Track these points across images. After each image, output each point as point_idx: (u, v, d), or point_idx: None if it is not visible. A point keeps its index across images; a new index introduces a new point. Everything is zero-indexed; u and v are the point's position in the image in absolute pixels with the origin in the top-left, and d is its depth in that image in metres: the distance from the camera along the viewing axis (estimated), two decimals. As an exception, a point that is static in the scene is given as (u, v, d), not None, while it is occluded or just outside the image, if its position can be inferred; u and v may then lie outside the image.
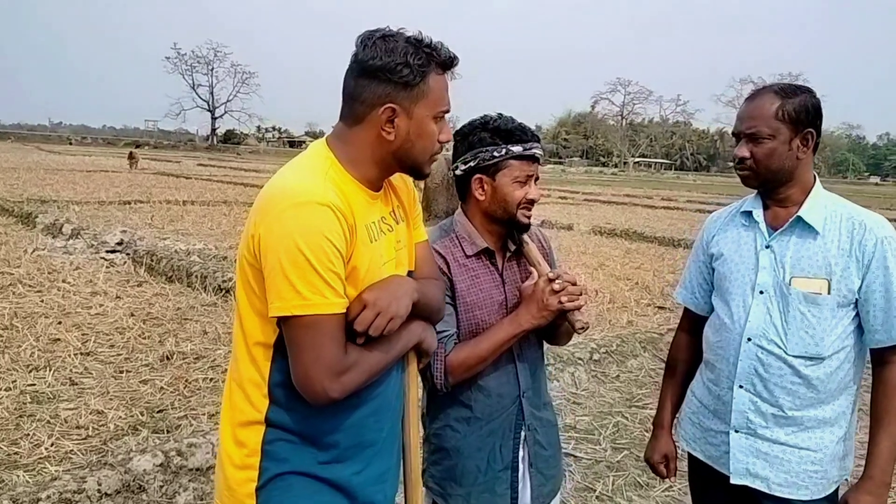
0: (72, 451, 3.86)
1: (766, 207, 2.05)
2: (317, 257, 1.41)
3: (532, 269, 2.08)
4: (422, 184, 20.42)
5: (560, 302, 1.93)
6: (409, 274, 1.75)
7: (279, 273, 1.41)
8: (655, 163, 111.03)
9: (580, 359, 5.82)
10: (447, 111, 1.62)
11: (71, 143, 73.48)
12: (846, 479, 2.03)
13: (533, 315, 1.96)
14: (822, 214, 1.95)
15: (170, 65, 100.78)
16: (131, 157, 32.03)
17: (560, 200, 25.54)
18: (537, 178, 2.05)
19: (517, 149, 1.96)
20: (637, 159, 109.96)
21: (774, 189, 2.00)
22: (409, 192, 1.82)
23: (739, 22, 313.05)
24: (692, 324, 2.30)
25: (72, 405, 4.48)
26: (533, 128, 2.04)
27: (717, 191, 42.62)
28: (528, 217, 2.03)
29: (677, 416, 2.34)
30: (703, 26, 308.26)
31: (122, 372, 5.15)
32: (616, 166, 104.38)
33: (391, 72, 1.50)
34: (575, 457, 4.24)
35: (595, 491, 3.84)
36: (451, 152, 2.12)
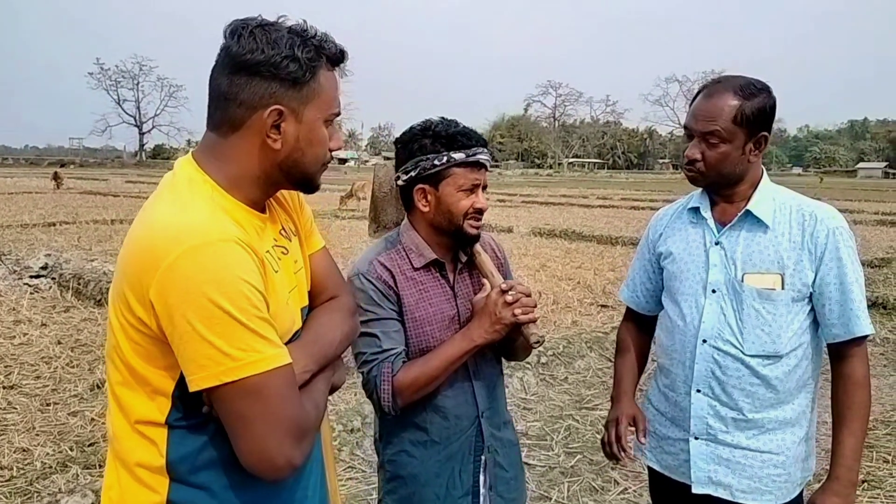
0: (-6, 494, 3.60)
1: (713, 203, 1.99)
2: (238, 306, 1.15)
3: (485, 280, 1.97)
4: (369, 193, 20.10)
5: (514, 315, 1.82)
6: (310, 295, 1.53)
7: (194, 337, 1.13)
8: (589, 163, 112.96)
9: (528, 363, 5.76)
10: (338, 114, 1.40)
11: (-10, 165, 70.57)
12: (809, 480, 1.99)
13: (486, 329, 1.85)
14: (770, 207, 1.90)
15: (93, 80, 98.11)
16: (56, 176, 30.86)
17: (498, 203, 25.61)
18: (485, 187, 1.93)
19: (459, 156, 1.84)
20: (571, 160, 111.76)
21: (722, 188, 1.94)
22: (292, 199, 1.56)
23: (663, 22, 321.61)
24: (635, 316, 2.25)
25: (-6, 444, 4.19)
26: None
27: (649, 188, 43.49)
28: (477, 228, 1.91)
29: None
30: (629, 27, 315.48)
31: (48, 405, 4.85)
32: (551, 167, 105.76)
33: (276, 67, 1.25)
34: (528, 465, 4.16)
35: (550, 499, 3.78)
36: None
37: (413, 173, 1.88)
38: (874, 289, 9.11)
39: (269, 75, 1.26)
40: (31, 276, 9.02)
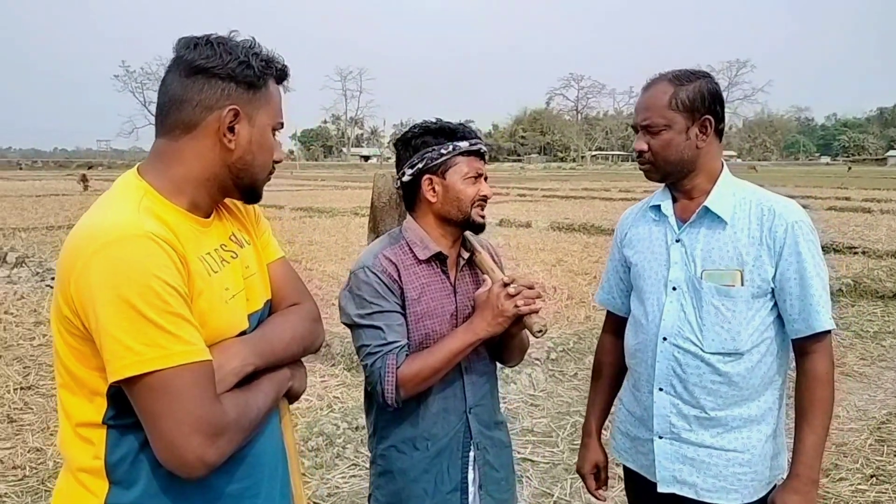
0: (6, 494, 3.69)
1: (674, 200, 1.98)
2: (146, 301, 1.17)
3: (485, 277, 2.00)
4: (354, 204, 20.00)
5: (516, 306, 1.84)
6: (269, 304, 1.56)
7: (104, 332, 1.16)
8: (612, 155, 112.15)
9: (537, 359, 5.76)
10: (282, 125, 1.46)
11: (21, 168, 71.71)
12: (781, 479, 1.97)
13: (488, 322, 1.87)
14: (730, 203, 1.88)
15: (119, 83, 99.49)
16: (83, 179, 31.36)
17: (519, 198, 25.56)
18: (486, 177, 1.99)
19: (464, 144, 1.92)
20: (594, 153, 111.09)
21: (679, 181, 1.94)
22: (247, 211, 1.61)
23: (688, 10, 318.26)
24: (616, 325, 2.22)
25: (9, 444, 4.29)
26: (490, 127, 1.97)
27: (673, 179, 43.01)
28: (483, 217, 1.96)
29: (608, 423, 2.26)
30: (653, 16, 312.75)
31: (64, 405, 4.93)
32: (574, 161, 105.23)
33: (233, 70, 1.33)
34: (532, 461, 4.17)
35: (553, 496, 3.77)
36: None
37: (420, 165, 1.93)
38: (898, 280, 8.96)
39: (226, 76, 1.33)
40: (53, 279, 9.18)
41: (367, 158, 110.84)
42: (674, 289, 1.92)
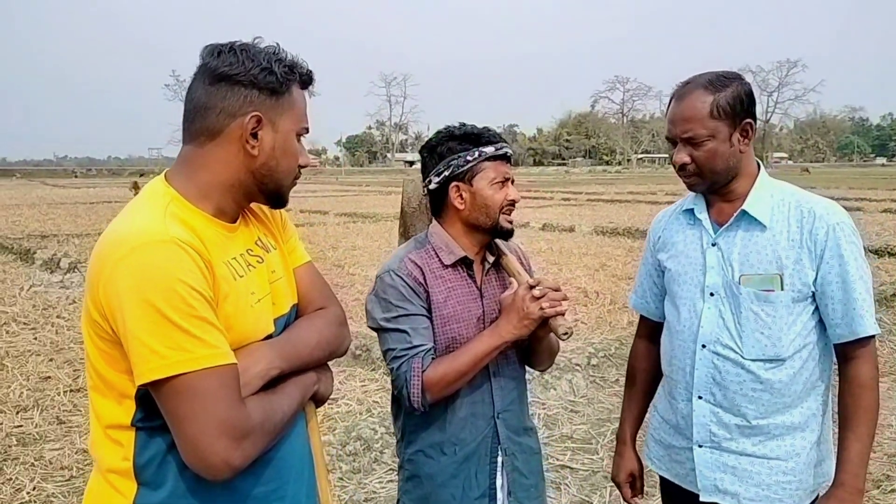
0: (53, 494, 3.79)
1: (710, 203, 1.93)
2: (171, 305, 1.18)
3: (511, 280, 1.98)
4: (398, 209, 19.95)
5: (541, 308, 1.82)
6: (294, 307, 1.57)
7: (131, 336, 1.18)
8: (659, 158, 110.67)
9: (578, 364, 5.70)
10: (307, 129, 1.46)
11: (76, 176, 73.68)
12: (826, 486, 1.90)
13: (514, 325, 1.85)
14: (768, 205, 1.83)
15: (170, 92, 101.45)
16: (135, 186, 32.16)
17: (563, 202, 25.38)
18: (513, 181, 1.97)
19: (489, 149, 1.91)
20: (640, 155, 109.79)
21: (721, 187, 1.88)
22: (274, 217, 1.62)
23: (737, 9, 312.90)
24: (650, 330, 2.18)
25: (57, 445, 4.41)
26: (534, 131, 1.95)
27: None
28: (511, 222, 1.95)
29: (643, 431, 2.22)
30: (701, 16, 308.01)
31: (111, 407, 5.05)
32: (620, 164, 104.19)
33: (256, 77, 1.34)
34: (571, 468, 4.12)
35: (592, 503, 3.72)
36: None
37: (446, 173, 1.92)
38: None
39: (249, 83, 1.35)
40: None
41: (411, 163, 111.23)
42: (711, 294, 1.87)
